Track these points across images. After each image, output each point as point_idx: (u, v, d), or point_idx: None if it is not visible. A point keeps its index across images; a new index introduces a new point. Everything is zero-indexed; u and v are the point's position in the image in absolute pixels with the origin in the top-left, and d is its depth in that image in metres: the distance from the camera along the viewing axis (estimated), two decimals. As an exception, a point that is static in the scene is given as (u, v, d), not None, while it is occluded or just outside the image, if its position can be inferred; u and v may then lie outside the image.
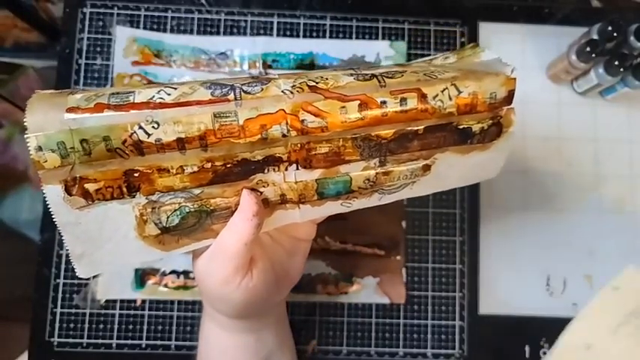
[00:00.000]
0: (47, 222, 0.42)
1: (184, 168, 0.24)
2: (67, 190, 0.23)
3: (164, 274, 0.42)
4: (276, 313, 0.34)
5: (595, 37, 0.40)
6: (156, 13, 0.45)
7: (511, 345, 0.42)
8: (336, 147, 0.25)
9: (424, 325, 0.42)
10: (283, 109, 0.23)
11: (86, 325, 0.41)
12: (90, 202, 0.23)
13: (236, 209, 0.25)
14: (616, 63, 0.39)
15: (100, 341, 0.41)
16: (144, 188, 0.24)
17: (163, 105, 0.22)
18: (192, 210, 0.25)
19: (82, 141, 0.21)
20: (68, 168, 0.22)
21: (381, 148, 0.25)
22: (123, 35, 0.44)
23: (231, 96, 0.23)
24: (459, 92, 0.26)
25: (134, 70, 0.44)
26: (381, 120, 0.25)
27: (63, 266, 0.41)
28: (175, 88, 0.23)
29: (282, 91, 0.24)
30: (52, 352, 0.40)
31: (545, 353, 0.42)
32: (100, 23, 0.44)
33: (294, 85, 0.24)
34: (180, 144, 0.23)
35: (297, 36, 0.46)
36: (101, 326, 0.41)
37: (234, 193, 0.25)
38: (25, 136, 0.21)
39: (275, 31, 0.46)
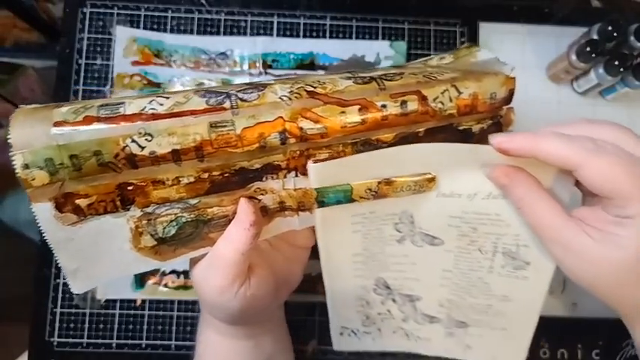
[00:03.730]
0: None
1: (180, 179, 0.23)
2: (58, 208, 0.22)
3: (164, 274, 0.42)
4: (274, 319, 0.34)
5: (595, 37, 0.40)
6: (156, 13, 0.45)
7: (511, 345, 0.42)
8: (335, 152, 0.25)
9: (424, 325, 0.42)
10: (282, 117, 0.23)
11: (86, 325, 0.41)
12: (82, 218, 0.22)
13: (233, 217, 0.25)
14: (616, 63, 0.39)
15: (100, 341, 0.41)
16: (138, 201, 0.23)
17: (156, 116, 0.22)
18: (188, 220, 0.24)
19: (71, 156, 0.21)
20: (58, 185, 0.21)
21: None
22: (123, 35, 0.44)
23: (227, 104, 0.22)
24: (460, 93, 0.25)
25: (134, 70, 0.44)
26: (381, 124, 0.24)
27: (63, 266, 0.41)
28: (168, 98, 0.22)
29: (280, 98, 0.23)
30: (52, 352, 0.40)
31: (545, 353, 0.42)
32: (100, 23, 0.44)
33: (291, 91, 0.24)
34: (176, 156, 0.22)
35: (297, 36, 0.46)
36: (101, 326, 0.41)
37: (232, 202, 0.25)
38: (11, 153, 0.20)
39: (275, 31, 0.46)
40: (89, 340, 0.41)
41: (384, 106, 0.24)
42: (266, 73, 0.45)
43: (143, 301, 0.41)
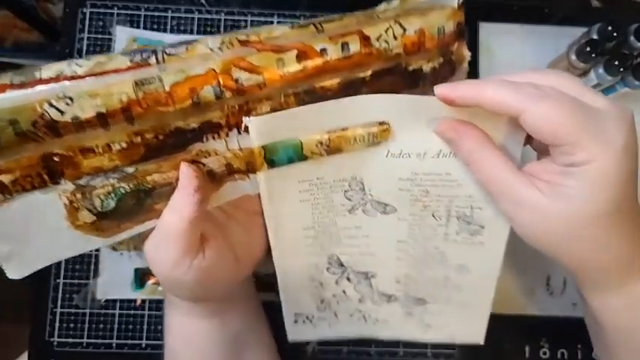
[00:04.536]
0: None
1: (111, 145, 0.21)
2: None
3: (164, 274, 0.42)
4: (241, 294, 0.32)
5: (595, 37, 0.40)
6: (156, 13, 0.45)
7: (511, 345, 0.42)
8: (278, 104, 0.23)
9: (424, 325, 0.42)
10: (213, 69, 0.21)
11: (86, 325, 0.41)
12: (8, 196, 0.21)
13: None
14: (616, 63, 0.39)
15: (100, 341, 0.41)
16: (68, 173, 0.21)
17: (75, 77, 0.20)
18: (128, 190, 0.22)
19: None
20: None
21: (327, 100, 0.23)
22: (123, 35, 0.44)
23: (152, 60, 0.21)
24: (404, 30, 0.24)
25: (134, 70, 0.44)
26: (323, 69, 0.23)
27: (63, 266, 0.41)
28: (89, 60, 0.21)
29: (210, 49, 0.22)
30: (52, 352, 0.40)
31: (545, 353, 0.42)
32: (100, 23, 0.44)
33: (222, 42, 0.22)
34: (102, 119, 0.20)
35: (297, 36, 0.46)
36: (101, 326, 0.41)
37: (173, 167, 0.23)
38: None
39: (275, 31, 0.46)
40: (89, 340, 0.41)
41: (323, 50, 0.23)
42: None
43: (143, 301, 0.41)
